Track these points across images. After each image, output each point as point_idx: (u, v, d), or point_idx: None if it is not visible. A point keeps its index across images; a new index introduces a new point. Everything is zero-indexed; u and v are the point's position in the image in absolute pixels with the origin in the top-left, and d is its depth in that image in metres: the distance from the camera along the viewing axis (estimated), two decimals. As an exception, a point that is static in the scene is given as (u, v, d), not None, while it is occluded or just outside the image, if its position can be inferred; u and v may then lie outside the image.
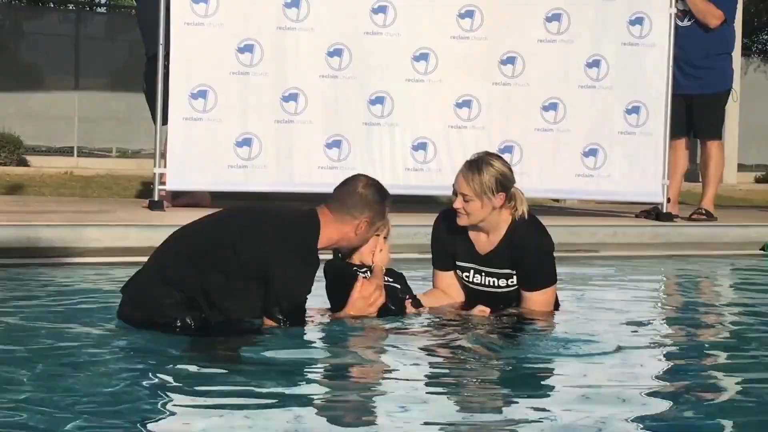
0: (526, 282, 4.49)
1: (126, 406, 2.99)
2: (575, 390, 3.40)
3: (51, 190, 10.17)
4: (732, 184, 15.99)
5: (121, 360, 3.59)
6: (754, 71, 21.05)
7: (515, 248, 4.46)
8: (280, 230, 4.03)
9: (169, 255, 4.08)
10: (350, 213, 4.15)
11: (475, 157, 4.45)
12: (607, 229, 7.77)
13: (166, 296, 3.92)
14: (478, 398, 3.35)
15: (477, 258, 4.53)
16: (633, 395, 3.36)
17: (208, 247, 4.00)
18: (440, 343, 4.05)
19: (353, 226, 4.16)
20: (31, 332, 3.92)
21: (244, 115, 7.77)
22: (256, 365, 3.60)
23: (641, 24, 8.33)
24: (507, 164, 4.48)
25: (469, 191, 4.36)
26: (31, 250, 5.94)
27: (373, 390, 3.40)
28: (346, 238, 4.19)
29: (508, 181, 4.42)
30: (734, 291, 6.33)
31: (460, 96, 8.10)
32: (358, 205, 4.16)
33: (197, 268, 3.94)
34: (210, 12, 7.65)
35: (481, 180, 4.35)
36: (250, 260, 3.93)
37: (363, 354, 3.89)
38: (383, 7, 7.93)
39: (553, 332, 4.34)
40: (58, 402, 2.96)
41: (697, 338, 4.45)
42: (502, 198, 4.40)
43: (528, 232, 4.49)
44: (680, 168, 8.88)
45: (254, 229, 4.02)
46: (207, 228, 4.13)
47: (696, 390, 3.48)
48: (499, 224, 4.47)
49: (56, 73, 18.18)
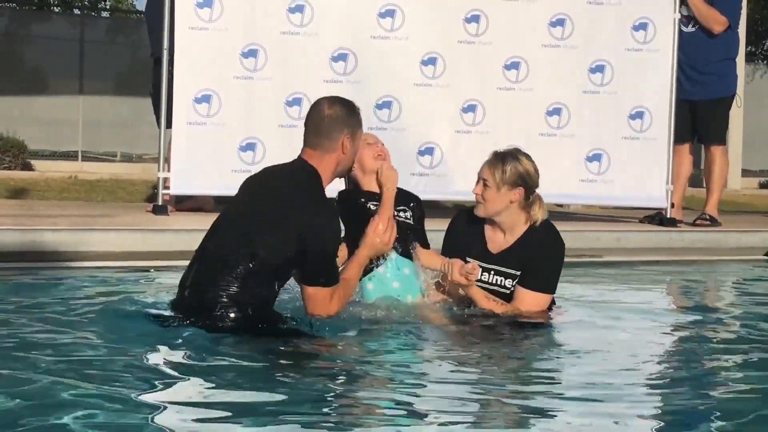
0: (528, 280, 4.48)
1: (128, 407, 2.99)
2: (575, 390, 3.41)
3: (55, 194, 10.18)
4: (736, 189, 15.98)
5: (122, 361, 3.59)
6: (760, 77, 21.05)
7: (528, 248, 4.47)
8: (300, 212, 4.02)
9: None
10: (329, 138, 4.14)
11: (506, 150, 4.52)
12: (611, 235, 7.76)
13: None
14: (479, 398, 3.35)
15: (488, 256, 4.53)
16: (633, 395, 3.36)
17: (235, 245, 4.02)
18: (452, 345, 4.06)
19: (338, 149, 4.15)
20: (32, 333, 3.92)
21: (248, 120, 7.78)
22: (265, 364, 3.60)
23: (645, 29, 8.34)
24: (534, 165, 4.50)
25: (488, 176, 4.42)
26: (35, 254, 5.95)
27: (374, 390, 3.40)
28: (340, 163, 4.19)
29: (531, 179, 4.45)
30: (738, 296, 6.31)
31: (465, 101, 8.11)
32: (333, 126, 4.15)
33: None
34: (214, 17, 7.67)
35: (503, 169, 4.41)
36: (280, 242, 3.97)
37: (366, 354, 3.89)
38: (391, 11, 7.94)
39: (555, 336, 4.34)
40: (62, 404, 2.97)
41: (700, 344, 4.44)
42: (519, 193, 4.42)
43: (546, 235, 4.51)
44: (684, 173, 8.88)
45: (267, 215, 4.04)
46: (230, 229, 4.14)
47: (697, 393, 3.48)
48: (516, 224, 4.49)
49: (61, 78, 18.21)
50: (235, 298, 3.93)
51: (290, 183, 4.15)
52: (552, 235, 4.54)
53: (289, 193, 4.10)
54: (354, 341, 4.04)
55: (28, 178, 12.00)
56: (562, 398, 3.37)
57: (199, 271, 4.06)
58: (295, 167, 4.21)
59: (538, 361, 3.94)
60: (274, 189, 4.17)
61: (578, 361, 3.96)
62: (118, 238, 6.36)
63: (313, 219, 4.01)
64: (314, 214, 4.02)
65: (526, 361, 3.94)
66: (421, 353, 4.01)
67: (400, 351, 4.00)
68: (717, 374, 3.85)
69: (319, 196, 4.10)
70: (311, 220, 4.00)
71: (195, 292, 4.03)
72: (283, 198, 4.09)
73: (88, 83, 18.02)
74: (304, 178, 4.14)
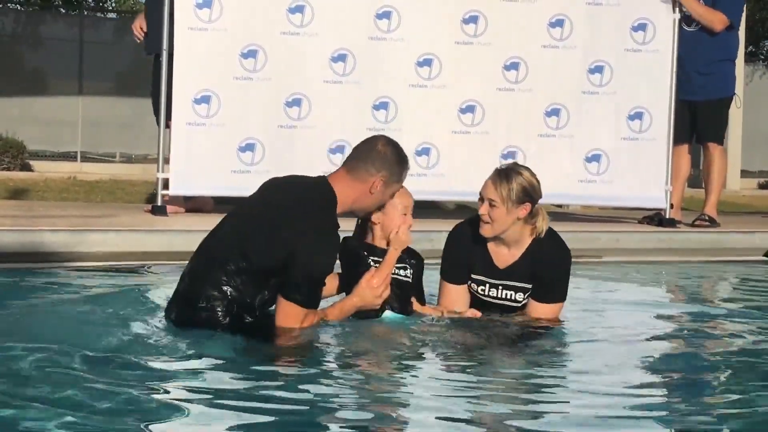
0: (541, 294, 4.46)
1: (129, 409, 3.00)
2: (575, 390, 3.41)
3: (54, 195, 10.18)
4: (735, 190, 15.99)
5: (120, 360, 3.59)
6: (759, 78, 21.05)
7: (538, 262, 4.43)
8: (302, 222, 3.99)
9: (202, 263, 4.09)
10: (367, 169, 4.10)
11: (505, 166, 4.44)
12: (610, 235, 7.76)
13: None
14: (481, 399, 3.35)
15: (495, 272, 4.48)
16: (633, 395, 3.36)
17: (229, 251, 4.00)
18: (449, 347, 4.06)
19: (368, 185, 4.10)
20: (31, 333, 3.92)
21: (247, 121, 7.78)
22: (261, 367, 3.61)
23: (644, 30, 8.34)
24: (536, 177, 4.44)
25: (496, 196, 4.33)
26: (34, 255, 5.95)
27: (376, 391, 3.41)
28: (362, 198, 4.13)
29: (535, 192, 4.40)
30: (737, 297, 6.31)
31: (464, 101, 8.12)
32: (376, 161, 4.11)
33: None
34: (214, 17, 7.67)
35: (510, 187, 4.33)
36: (273, 248, 3.93)
37: (367, 357, 3.89)
38: (387, 12, 7.95)
39: (555, 337, 4.34)
40: (62, 406, 2.97)
41: (700, 345, 4.44)
42: (527, 209, 4.37)
43: (553, 246, 4.48)
44: (683, 174, 8.88)
45: (273, 219, 4.01)
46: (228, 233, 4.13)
47: (696, 393, 3.48)
48: (521, 238, 4.44)
49: (60, 78, 18.21)
50: (222, 294, 3.94)
51: (300, 197, 4.10)
52: (558, 245, 4.51)
53: (294, 207, 4.05)
54: (345, 343, 4.04)
55: (28, 179, 12.00)
56: (562, 398, 3.37)
57: (195, 264, 4.09)
58: (314, 183, 4.16)
59: (538, 362, 3.94)
60: (282, 197, 4.13)
61: (578, 362, 3.97)
62: (117, 238, 6.36)
63: (306, 240, 3.93)
64: (309, 236, 3.94)
65: (525, 362, 3.94)
66: (418, 352, 4.01)
67: (396, 348, 4.00)
68: (717, 374, 3.85)
69: (322, 220, 4.01)
70: (304, 241, 3.92)
71: (188, 283, 4.05)
72: (286, 210, 4.04)
73: (88, 84, 18.02)
74: (315, 197, 4.08)
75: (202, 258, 4.08)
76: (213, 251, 4.05)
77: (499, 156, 8.02)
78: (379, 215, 4.28)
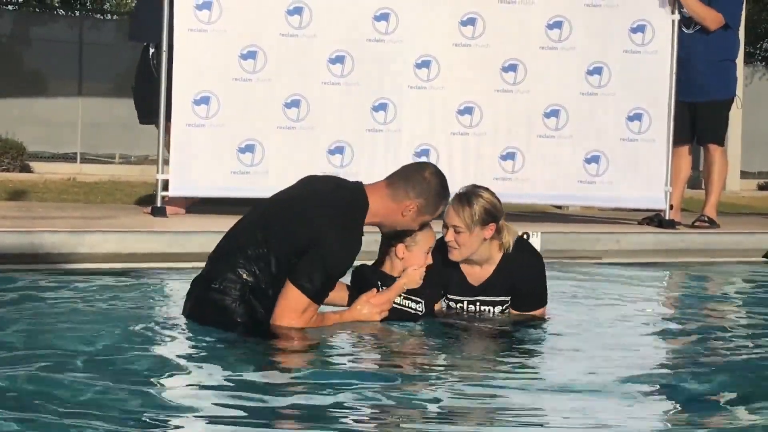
0: (525, 305, 4.55)
1: (129, 409, 3.00)
2: (574, 390, 3.41)
3: (54, 196, 10.18)
4: (735, 191, 15.99)
5: (118, 360, 3.59)
6: (759, 79, 21.06)
7: (512, 275, 4.49)
8: (329, 209, 4.03)
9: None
10: (406, 190, 4.13)
11: (464, 190, 4.45)
12: (610, 236, 7.76)
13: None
14: (479, 398, 3.36)
15: (470, 289, 4.54)
16: (632, 395, 3.37)
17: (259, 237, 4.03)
18: (449, 346, 4.06)
19: (403, 207, 4.13)
20: (30, 334, 3.93)
21: (246, 122, 7.78)
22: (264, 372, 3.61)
23: (643, 31, 8.33)
24: (495, 196, 4.47)
25: (459, 222, 4.36)
26: (34, 256, 5.95)
27: (376, 391, 3.41)
28: (392, 216, 4.15)
29: (497, 211, 4.43)
30: (737, 298, 6.32)
31: (462, 103, 8.12)
32: (417, 186, 4.14)
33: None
34: (213, 18, 7.67)
35: (472, 211, 4.35)
36: (298, 238, 3.96)
37: (367, 357, 3.90)
38: (385, 14, 7.95)
39: (554, 338, 4.35)
40: (62, 406, 2.97)
41: (699, 345, 4.44)
42: (492, 228, 4.40)
43: (524, 256, 4.54)
44: (683, 175, 8.87)
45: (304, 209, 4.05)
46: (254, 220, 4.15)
47: (695, 393, 3.48)
48: (491, 255, 4.49)
49: (60, 79, 18.21)
50: (238, 278, 3.97)
51: (335, 191, 4.15)
52: (529, 253, 4.60)
53: (327, 196, 4.09)
54: (345, 343, 4.05)
55: (27, 180, 12.00)
56: (561, 399, 3.38)
57: (219, 247, 4.15)
58: (350, 187, 4.19)
59: (537, 363, 3.95)
60: (317, 187, 4.19)
61: (577, 363, 3.97)
62: (116, 239, 6.36)
63: (332, 229, 3.97)
64: (336, 227, 3.98)
65: (524, 363, 3.95)
66: (416, 351, 4.02)
67: (398, 342, 4.01)
68: (716, 374, 3.85)
69: (351, 219, 4.05)
70: (330, 229, 3.97)
71: (209, 265, 4.11)
72: (319, 196, 4.09)
73: (87, 85, 18.02)
74: (349, 197, 4.11)
75: (225, 242, 4.14)
76: (237, 235, 4.11)
77: (498, 157, 8.03)
78: (404, 251, 4.31)
